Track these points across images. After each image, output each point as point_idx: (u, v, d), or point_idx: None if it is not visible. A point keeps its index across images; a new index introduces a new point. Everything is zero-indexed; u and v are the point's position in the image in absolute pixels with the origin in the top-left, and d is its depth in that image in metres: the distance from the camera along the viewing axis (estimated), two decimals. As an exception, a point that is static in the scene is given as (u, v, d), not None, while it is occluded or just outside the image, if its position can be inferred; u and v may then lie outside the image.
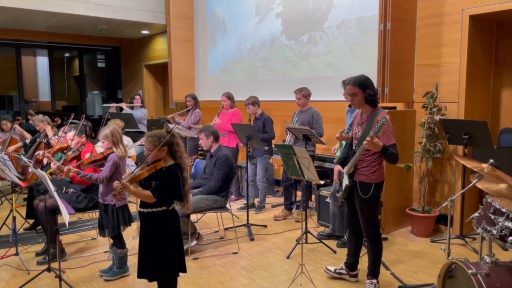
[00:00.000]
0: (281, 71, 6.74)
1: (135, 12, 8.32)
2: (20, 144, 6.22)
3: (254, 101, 5.56)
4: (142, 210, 2.74)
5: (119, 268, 3.57)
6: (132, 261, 3.63)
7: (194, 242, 4.18)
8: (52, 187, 3.04)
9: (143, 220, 2.76)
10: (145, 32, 9.71)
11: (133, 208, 3.64)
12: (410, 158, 4.70)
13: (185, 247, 3.87)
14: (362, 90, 3.05)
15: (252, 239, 4.49)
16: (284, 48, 6.62)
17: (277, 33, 6.71)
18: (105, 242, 4.13)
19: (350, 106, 4.46)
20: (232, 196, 6.02)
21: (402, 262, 3.86)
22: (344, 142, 4.19)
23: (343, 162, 3.33)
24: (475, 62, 4.47)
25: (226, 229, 4.72)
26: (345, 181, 3.18)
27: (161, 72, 10.37)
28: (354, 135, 3.25)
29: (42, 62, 13.81)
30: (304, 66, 6.34)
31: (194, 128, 6.28)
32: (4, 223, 4.65)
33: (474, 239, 4.27)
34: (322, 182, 3.54)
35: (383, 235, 4.39)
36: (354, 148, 3.19)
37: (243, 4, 7.37)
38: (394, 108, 4.77)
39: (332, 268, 3.53)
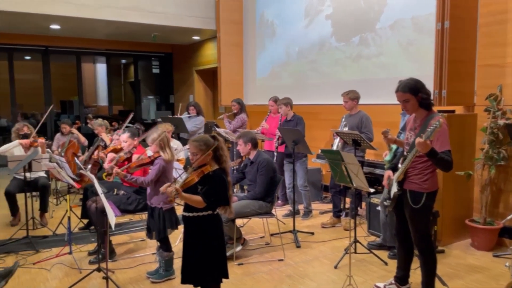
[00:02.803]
0: (331, 74, 6.58)
1: (186, 19, 8.52)
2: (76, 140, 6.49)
3: (288, 102, 5.47)
4: (186, 214, 2.73)
5: (165, 271, 3.60)
6: (178, 264, 3.63)
7: (240, 247, 4.14)
8: (99, 189, 3.12)
9: (187, 224, 2.76)
10: (196, 38, 9.92)
11: (180, 211, 3.66)
12: (470, 165, 4.37)
13: (230, 252, 3.88)
14: (413, 95, 2.86)
15: (298, 247, 4.38)
16: (334, 50, 6.46)
17: (327, 35, 6.56)
18: (154, 244, 4.19)
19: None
20: (279, 201, 5.94)
21: (460, 278, 3.58)
22: (394, 146, 3.97)
23: (394, 167, 3.14)
24: (546, 61, 4.09)
25: (272, 235, 4.65)
26: (394, 189, 2.98)
27: (211, 77, 10.53)
28: (406, 140, 3.05)
29: (101, 68, 14.58)
30: (355, 68, 6.14)
31: (238, 132, 6.28)
32: (60, 222, 4.88)
33: (544, 255, 3.88)
34: (372, 190, 3.36)
35: (439, 247, 4.14)
36: (405, 154, 3.00)
37: (292, 7, 7.30)
38: (453, 111, 4.47)
39: (381, 285, 3.34)
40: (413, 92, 2.85)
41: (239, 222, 4.55)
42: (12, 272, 3.35)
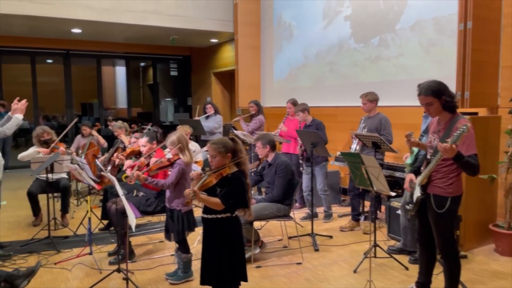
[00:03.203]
0: (349, 75, 6.52)
1: (205, 21, 8.58)
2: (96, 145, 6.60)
3: (304, 108, 5.42)
4: (206, 216, 2.74)
5: (183, 272, 3.62)
6: (197, 266, 3.65)
7: (258, 250, 4.13)
8: (120, 191, 3.16)
9: (206, 226, 2.76)
10: (213, 40, 9.97)
11: (198, 212, 3.67)
12: (494, 168, 4.26)
13: (248, 254, 3.87)
14: (437, 98, 2.78)
15: (316, 250, 4.34)
16: (353, 52, 6.40)
17: (346, 36, 6.51)
18: (172, 245, 4.21)
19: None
20: (297, 204, 5.90)
21: (483, 284, 3.50)
22: (415, 149, 3.90)
23: (416, 171, 3.08)
24: None
25: (290, 238, 4.62)
26: (417, 193, 2.92)
27: (229, 79, 10.58)
28: (429, 143, 2.99)
29: (120, 71, 14.80)
30: (374, 69, 6.07)
31: (256, 134, 6.28)
32: (81, 223, 4.96)
33: None
34: (393, 194, 3.30)
35: (462, 253, 4.04)
36: (428, 157, 2.93)
37: (310, 9, 7.27)
38: (476, 114, 4.38)
39: (402, 289, 3.28)
40: (436, 95, 2.78)
41: (256, 224, 4.54)
42: (34, 272, 3.41)
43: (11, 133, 4.10)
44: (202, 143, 6.37)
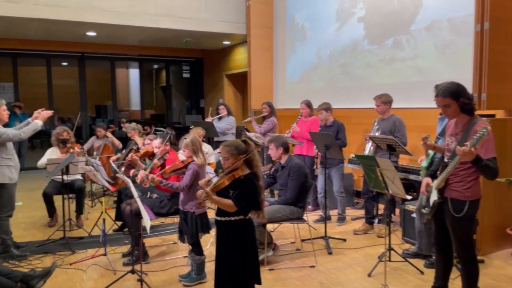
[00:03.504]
0: (363, 77, 6.47)
1: (217, 24, 8.61)
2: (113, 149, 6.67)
3: (328, 107, 5.38)
4: (219, 218, 2.74)
5: (197, 274, 3.62)
6: (210, 268, 3.65)
7: (271, 252, 4.12)
8: (135, 193, 3.18)
9: (219, 228, 2.77)
10: (226, 42, 10.00)
11: (211, 214, 3.67)
12: (511, 172, 4.18)
13: (261, 257, 3.86)
14: (455, 100, 2.74)
15: (330, 253, 4.31)
16: (366, 53, 6.36)
17: (359, 38, 6.47)
18: (185, 247, 4.22)
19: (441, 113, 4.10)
20: (310, 206, 5.87)
21: (502, 290, 3.44)
22: (431, 152, 3.85)
23: (433, 175, 3.03)
24: None
25: (303, 240, 4.59)
26: (434, 197, 2.88)
27: (241, 81, 10.59)
28: (446, 146, 2.95)
29: (134, 73, 14.94)
30: (388, 71, 6.02)
31: (268, 136, 6.26)
32: (95, 224, 5.01)
33: None
34: (409, 197, 3.26)
35: (479, 257, 3.95)
36: (446, 160, 2.89)
37: (323, 10, 7.24)
38: (493, 116, 4.30)
39: (418, 294, 3.23)
40: (454, 97, 2.73)
41: (269, 227, 4.53)
42: (50, 272, 3.45)
43: (27, 137, 4.17)
44: (215, 145, 6.39)
